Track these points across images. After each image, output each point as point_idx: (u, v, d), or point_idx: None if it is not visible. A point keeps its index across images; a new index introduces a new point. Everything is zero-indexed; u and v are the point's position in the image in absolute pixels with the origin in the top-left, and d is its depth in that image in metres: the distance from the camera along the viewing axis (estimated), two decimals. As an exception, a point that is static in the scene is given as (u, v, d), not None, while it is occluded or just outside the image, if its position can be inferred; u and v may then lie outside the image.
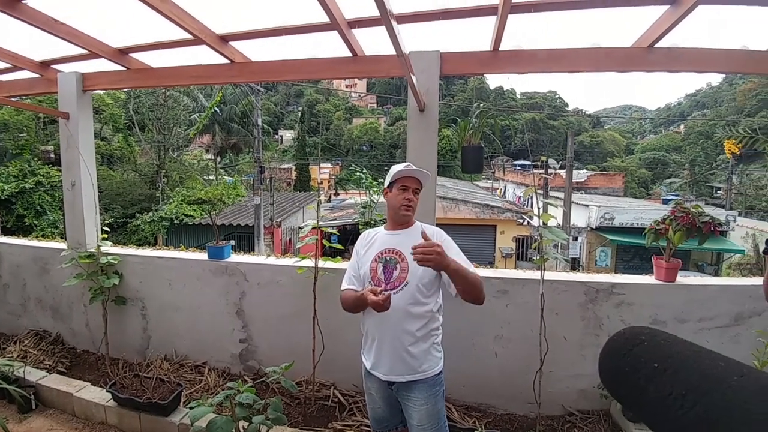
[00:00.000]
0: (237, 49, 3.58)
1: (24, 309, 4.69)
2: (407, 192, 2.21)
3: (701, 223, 3.05)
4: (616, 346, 0.65)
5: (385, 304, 1.91)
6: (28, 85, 4.45)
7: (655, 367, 0.57)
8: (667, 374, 0.55)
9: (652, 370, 0.57)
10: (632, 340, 0.63)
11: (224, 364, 3.95)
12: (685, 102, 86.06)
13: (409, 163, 2.31)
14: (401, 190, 2.22)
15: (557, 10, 2.83)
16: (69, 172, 4.19)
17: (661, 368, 0.56)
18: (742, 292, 3.14)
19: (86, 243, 4.16)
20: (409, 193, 2.21)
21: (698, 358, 0.56)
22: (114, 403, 3.30)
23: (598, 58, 3.03)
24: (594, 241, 18.73)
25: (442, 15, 2.98)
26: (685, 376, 0.54)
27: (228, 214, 17.66)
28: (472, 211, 18.95)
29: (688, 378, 0.54)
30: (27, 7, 3.06)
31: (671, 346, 0.60)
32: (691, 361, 0.56)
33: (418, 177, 2.25)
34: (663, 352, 0.59)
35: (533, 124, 60.86)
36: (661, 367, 0.57)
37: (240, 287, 3.83)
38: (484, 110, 3.62)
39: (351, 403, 3.46)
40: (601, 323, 3.22)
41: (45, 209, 13.93)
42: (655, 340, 0.62)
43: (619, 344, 0.65)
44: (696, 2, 2.44)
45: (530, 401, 3.06)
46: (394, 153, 53.66)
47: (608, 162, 55.51)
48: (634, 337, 0.63)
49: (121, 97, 18.93)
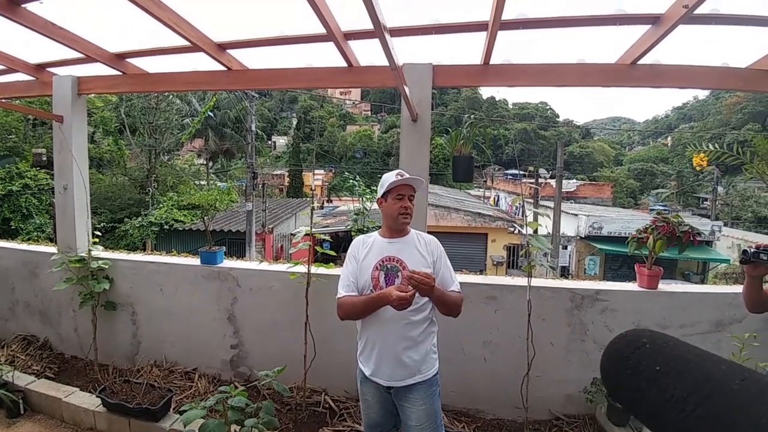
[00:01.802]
0: (234, 57, 3.63)
1: (12, 313, 4.66)
2: (404, 200, 2.24)
3: (681, 232, 3.16)
4: (618, 348, 0.66)
5: (410, 299, 1.98)
6: (22, 87, 4.45)
7: (657, 369, 0.58)
8: (669, 377, 0.56)
9: (654, 373, 0.58)
10: (634, 342, 0.64)
11: (215, 370, 3.96)
12: (673, 115, 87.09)
13: (400, 171, 2.32)
14: (397, 199, 2.24)
15: (545, 27, 2.93)
16: (61, 176, 4.19)
17: (663, 371, 0.57)
18: (723, 300, 3.23)
19: (77, 247, 4.16)
20: (405, 201, 2.24)
21: (700, 362, 0.57)
22: (103, 409, 3.29)
23: (584, 74, 3.14)
24: (583, 249, 18.96)
25: (435, 30, 3.06)
26: (687, 379, 0.55)
27: (219, 220, 17.57)
28: (464, 219, 19.03)
29: (690, 381, 0.54)
30: (26, 11, 3.09)
31: (673, 349, 0.61)
32: (693, 364, 0.57)
33: (411, 184, 2.29)
34: (665, 355, 0.60)
35: (524, 134, 61.29)
36: (663, 369, 0.57)
37: (232, 293, 3.85)
38: (476, 121, 3.71)
39: (342, 408, 3.49)
40: (587, 329, 3.30)
41: (32, 212, 13.79)
42: (657, 342, 0.62)
43: (621, 347, 0.66)
44: (676, 22, 2.55)
45: (518, 406, 3.12)
46: (387, 160, 53.62)
47: (597, 172, 55.94)
48: (636, 340, 0.64)
49: (113, 100, 18.77)
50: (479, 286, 3.39)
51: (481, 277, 3.70)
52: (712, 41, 3.47)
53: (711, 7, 2.64)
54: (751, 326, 2.97)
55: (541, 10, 2.87)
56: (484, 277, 3.73)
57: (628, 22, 2.81)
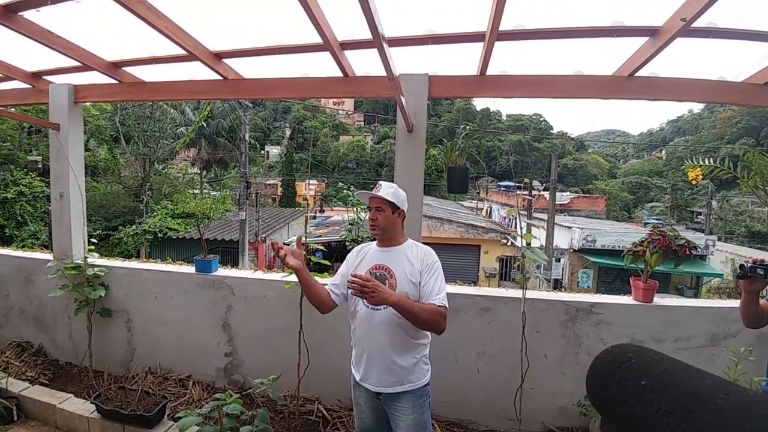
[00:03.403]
0: (230, 67, 3.65)
1: (6, 320, 4.64)
2: (371, 212, 2.32)
3: (677, 246, 3.16)
4: (604, 363, 0.66)
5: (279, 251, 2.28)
6: (18, 95, 4.46)
7: (642, 384, 0.58)
8: (655, 392, 0.56)
9: (640, 388, 0.58)
10: (620, 357, 0.65)
11: (209, 377, 3.95)
12: (667, 128, 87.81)
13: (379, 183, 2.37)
14: (368, 210, 2.35)
15: (542, 38, 2.96)
16: (57, 183, 4.19)
17: (649, 386, 0.57)
18: (718, 314, 3.24)
19: (73, 254, 4.15)
20: (372, 213, 2.32)
21: (685, 376, 0.57)
22: (98, 415, 3.27)
23: (581, 85, 3.16)
24: (576, 262, 18.94)
25: (432, 40, 3.09)
26: (673, 394, 0.55)
27: (212, 229, 17.53)
28: (457, 231, 19.09)
29: (675, 395, 0.54)
30: (23, 19, 3.10)
31: (658, 363, 0.61)
32: (678, 378, 0.57)
33: (369, 196, 2.33)
34: (650, 370, 0.60)
35: (518, 146, 61.54)
36: (648, 384, 0.57)
37: (227, 301, 3.84)
38: (471, 132, 3.73)
39: (335, 417, 3.48)
40: (581, 341, 3.29)
41: (26, 220, 13.74)
42: (643, 357, 0.63)
43: (606, 361, 0.66)
44: (674, 35, 2.57)
45: (511, 418, 3.12)
46: (380, 171, 53.72)
47: (592, 185, 56.26)
48: (621, 355, 0.65)
49: (108, 108, 18.83)
50: (473, 297, 3.39)
51: (475, 289, 3.70)
52: (708, 55, 3.50)
53: (708, 21, 2.67)
54: (746, 340, 2.98)
55: (539, 22, 2.88)
56: (479, 289, 3.73)
57: (626, 34, 2.82)
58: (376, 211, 2.29)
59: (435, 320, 2.12)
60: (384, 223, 2.29)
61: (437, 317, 2.12)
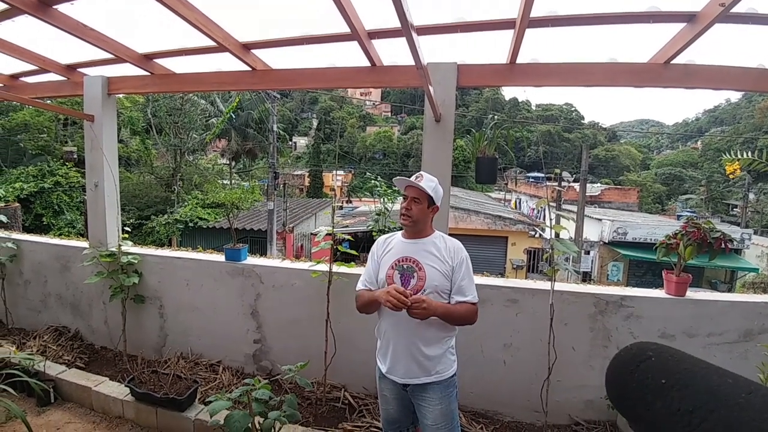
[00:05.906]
0: (259, 57, 3.68)
1: (44, 305, 4.81)
2: (405, 201, 2.27)
3: (712, 238, 3.07)
4: (624, 361, 0.65)
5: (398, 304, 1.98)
6: (54, 87, 4.58)
7: (662, 383, 0.57)
8: (675, 390, 0.55)
9: (660, 387, 0.57)
10: (640, 355, 0.64)
11: (238, 363, 4.03)
12: (704, 118, 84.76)
13: (420, 173, 2.32)
14: (403, 199, 2.30)
15: (574, 24, 2.88)
16: (92, 173, 4.30)
17: (669, 384, 0.56)
18: (753, 309, 3.14)
19: (107, 242, 4.27)
20: (405, 202, 2.26)
21: (706, 375, 0.56)
22: (131, 398, 3.38)
23: (614, 73, 3.07)
24: (606, 255, 18.59)
25: (461, 28, 3.04)
26: (693, 393, 0.54)
27: (241, 219, 17.79)
28: (484, 222, 18.89)
29: (695, 395, 0.53)
30: (57, 12, 3.18)
31: (679, 362, 0.60)
32: (698, 377, 0.56)
33: (407, 185, 2.27)
34: (671, 368, 0.59)
35: (548, 136, 60.56)
36: (668, 383, 0.57)
37: (255, 289, 3.90)
38: (499, 122, 3.68)
39: (361, 405, 3.51)
40: (610, 335, 3.24)
41: (63, 209, 14.18)
42: (663, 356, 0.62)
43: (626, 359, 0.65)
44: (712, 21, 2.47)
45: (537, 410, 3.10)
46: (407, 162, 53.62)
47: (623, 176, 54.93)
48: (641, 353, 0.64)
49: (140, 100, 19.18)
50: (501, 288, 3.37)
51: (502, 280, 3.67)
52: (747, 42, 3.36)
53: (748, 6, 2.57)
54: (781, 336, 2.89)
55: (571, 8, 2.80)
56: (506, 280, 3.69)
57: (663, 19, 2.73)
58: (413, 201, 2.23)
59: (470, 318, 2.21)
60: (417, 216, 2.24)
61: (472, 315, 2.21)
